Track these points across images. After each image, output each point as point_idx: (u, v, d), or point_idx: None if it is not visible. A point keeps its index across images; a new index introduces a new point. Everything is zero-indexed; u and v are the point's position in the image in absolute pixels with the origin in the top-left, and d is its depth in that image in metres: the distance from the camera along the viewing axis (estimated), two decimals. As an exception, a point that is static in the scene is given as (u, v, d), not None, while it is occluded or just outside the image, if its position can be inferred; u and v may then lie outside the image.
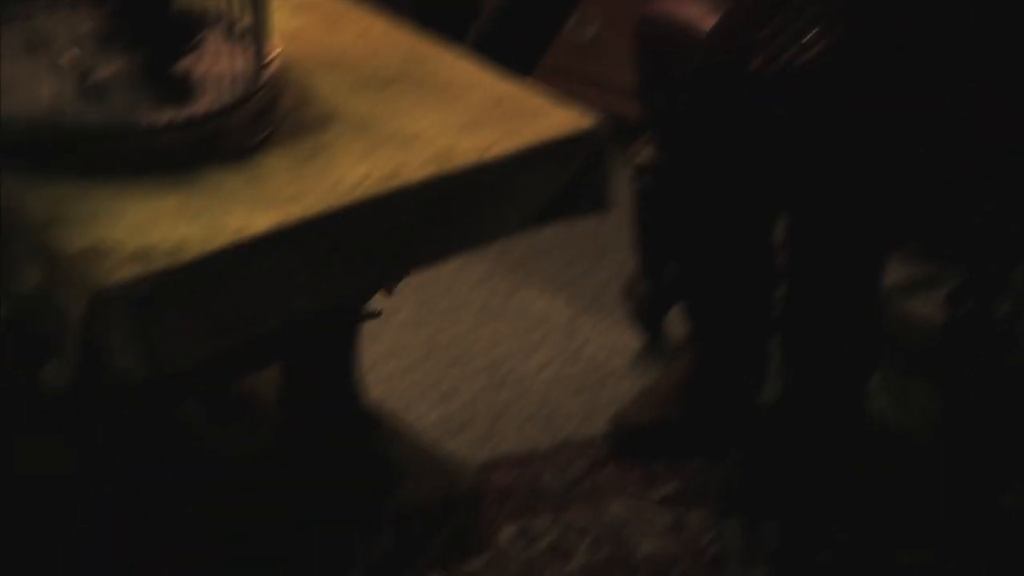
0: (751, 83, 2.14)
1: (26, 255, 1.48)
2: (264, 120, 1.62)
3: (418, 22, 1.88)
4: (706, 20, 2.25)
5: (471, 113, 1.66)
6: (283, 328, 1.78)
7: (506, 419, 2.60)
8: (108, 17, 1.60)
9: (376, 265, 1.60)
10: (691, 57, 2.27)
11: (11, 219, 1.50)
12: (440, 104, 1.68)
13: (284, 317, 1.67)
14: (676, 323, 2.67)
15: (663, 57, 2.34)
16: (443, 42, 1.82)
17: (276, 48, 1.66)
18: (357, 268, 1.58)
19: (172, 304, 1.46)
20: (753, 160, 2.33)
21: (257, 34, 1.62)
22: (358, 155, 1.61)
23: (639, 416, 2.53)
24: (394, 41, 1.79)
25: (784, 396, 2.46)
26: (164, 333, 1.46)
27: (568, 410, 2.62)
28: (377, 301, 1.94)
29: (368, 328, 1.90)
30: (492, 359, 2.74)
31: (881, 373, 2.60)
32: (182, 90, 1.60)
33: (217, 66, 1.63)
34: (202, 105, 1.59)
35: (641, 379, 2.66)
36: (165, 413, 1.75)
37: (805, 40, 2.05)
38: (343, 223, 1.55)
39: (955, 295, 2.45)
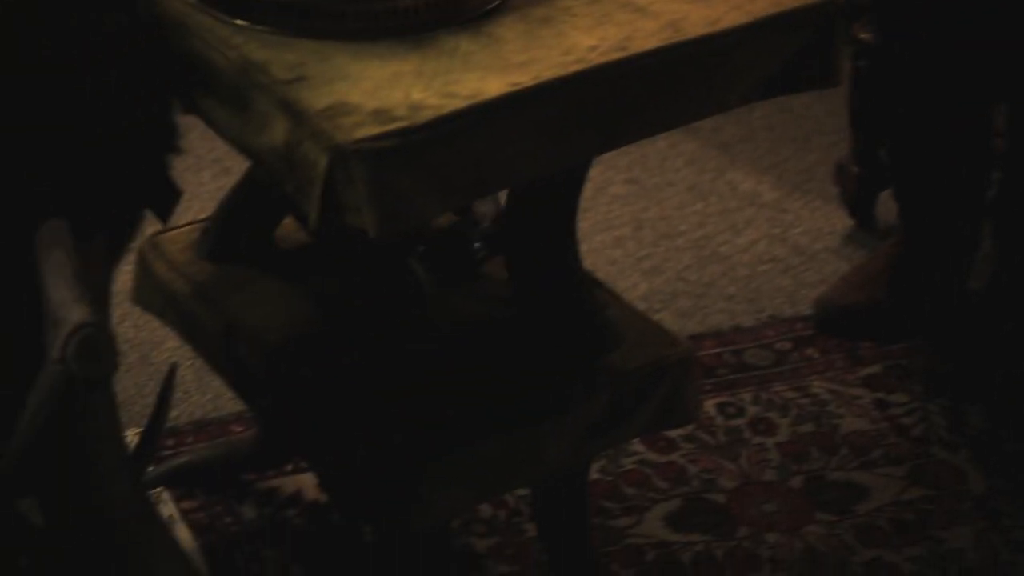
0: None
1: (272, 110, 1.55)
2: (499, -12, 1.66)
3: None
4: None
5: (701, -15, 1.68)
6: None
7: (712, 295, 2.63)
8: None
9: (603, 133, 1.63)
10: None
11: (258, 75, 1.57)
12: (670, -24, 1.70)
13: (509, 181, 1.72)
14: (886, 206, 2.67)
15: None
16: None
17: (511, -84, 1.69)
18: (584, 135, 1.62)
19: (407, 163, 1.51)
20: (974, 42, 2.30)
21: (494, -98, 1.65)
22: (590, 24, 1.64)
23: (845, 297, 2.53)
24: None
25: (996, 281, 2.45)
26: (398, 191, 1.51)
27: (773, 289, 2.64)
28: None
29: (580, 201, 1.94)
30: (699, 236, 2.77)
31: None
32: (421, -44, 1.64)
33: (455, -67, 1.66)
34: (440, -29, 1.63)
35: (848, 261, 2.67)
36: (395, 275, 1.81)
37: None
38: (573, 91, 1.58)
39: None
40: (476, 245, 1.96)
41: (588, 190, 2.71)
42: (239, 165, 2.72)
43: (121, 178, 1.63)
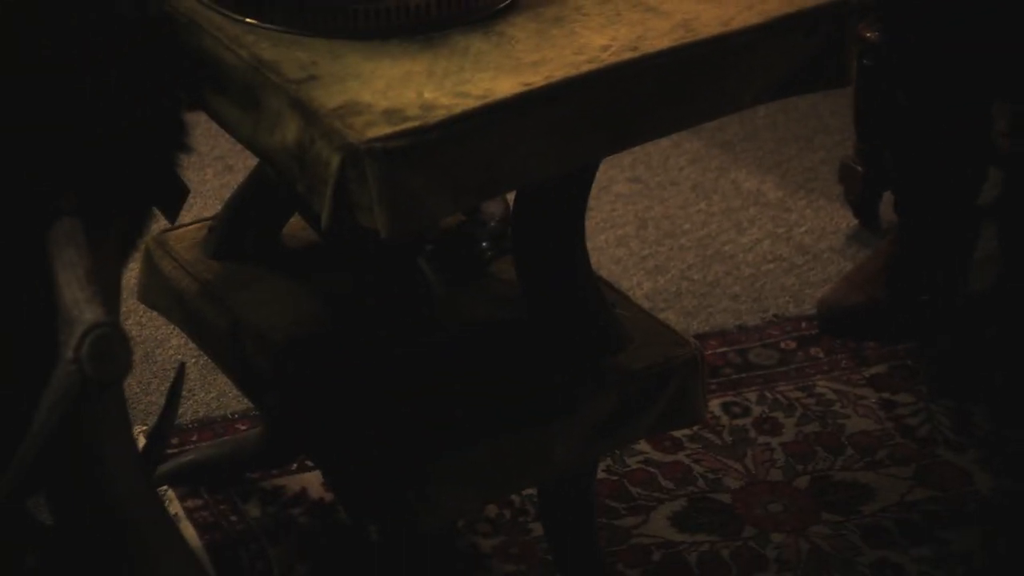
0: None
1: (284, 109, 1.54)
2: (510, -14, 1.66)
3: None
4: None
5: (713, -15, 1.68)
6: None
7: (716, 294, 2.63)
8: None
9: (614, 132, 1.62)
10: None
11: (269, 74, 1.56)
12: (682, -25, 1.69)
13: (521, 181, 1.72)
14: (890, 206, 2.66)
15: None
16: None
17: (523, -85, 1.68)
18: (596, 135, 1.61)
19: (419, 163, 1.51)
20: (978, 40, 2.30)
21: (506, -99, 1.64)
22: (601, 23, 1.63)
23: (846, 298, 2.53)
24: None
25: (1002, 281, 2.45)
26: (410, 190, 1.51)
27: (778, 288, 2.64)
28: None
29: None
30: (703, 235, 2.77)
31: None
32: (433, -47, 1.64)
33: (466, -69, 1.66)
34: (451, -31, 1.63)
35: (852, 261, 2.67)
36: (404, 275, 1.81)
37: None
38: (585, 91, 1.58)
39: None
40: (484, 245, 1.96)
41: (592, 189, 2.71)
42: (242, 163, 2.72)
43: (130, 175, 1.63)
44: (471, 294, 1.94)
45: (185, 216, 2.00)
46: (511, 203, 1.89)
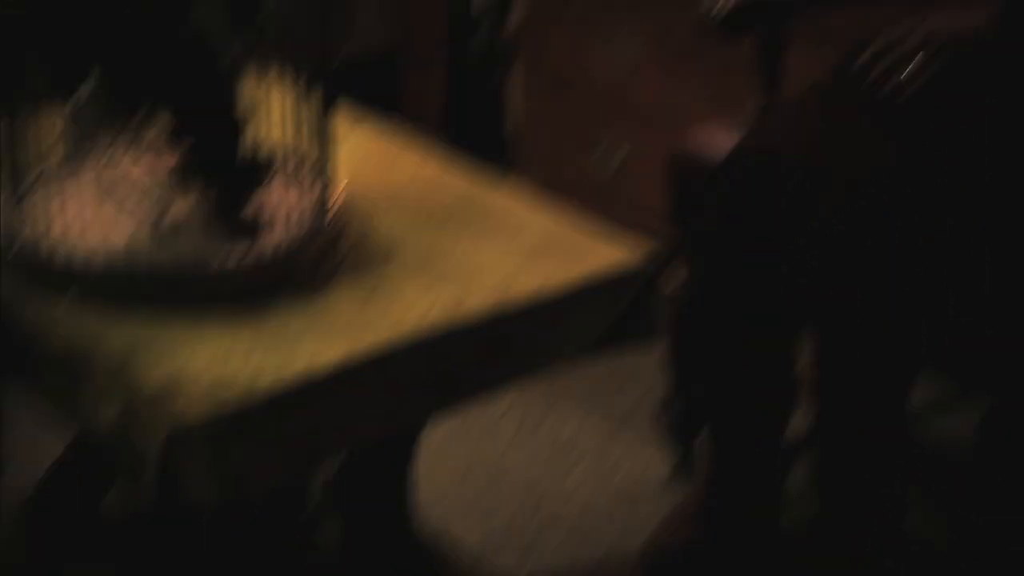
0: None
1: (104, 391, 1.54)
2: (330, 255, 1.69)
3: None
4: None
5: (526, 249, 1.74)
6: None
7: (548, 533, 2.64)
8: (180, 160, 1.68)
9: (439, 394, 1.66)
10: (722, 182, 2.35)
11: (89, 356, 1.56)
12: (496, 240, 1.75)
13: (348, 445, 1.74)
14: (705, 446, 2.72)
15: (695, 186, 2.42)
16: (493, 178, 1.90)
17: (340, 186, 1.73)
18: (421, 396, 1.65)
19: (247, 435, 1.52)
20: (782, 281, 2.39)
21: (323, 172, 1.69)
22: (420, 289, 1.68)
23: (667, 542, 2.56)
24: (448, 179, 1.87)
25: (818, 516, 2.50)
26: (239, 463, 1.52)
27: (605, 528, 2.67)
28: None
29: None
30: (528, 479, 2.79)
31: (916, 487, 2.64)
32: (251, 228, 1.67)
33: (284, 203, 1.70)
34: (271, 242, 1.66)
35: (675, 498, 2.71)
36: (234, 536, 1.80)
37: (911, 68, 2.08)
38: (409, 354, 1.61)
39: (985, 424, 2.50)
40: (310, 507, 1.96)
41: (416, 437, 2.72)
42: (58, 427, 2.68)
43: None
44: (312, 547, 1.93)
45: None
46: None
